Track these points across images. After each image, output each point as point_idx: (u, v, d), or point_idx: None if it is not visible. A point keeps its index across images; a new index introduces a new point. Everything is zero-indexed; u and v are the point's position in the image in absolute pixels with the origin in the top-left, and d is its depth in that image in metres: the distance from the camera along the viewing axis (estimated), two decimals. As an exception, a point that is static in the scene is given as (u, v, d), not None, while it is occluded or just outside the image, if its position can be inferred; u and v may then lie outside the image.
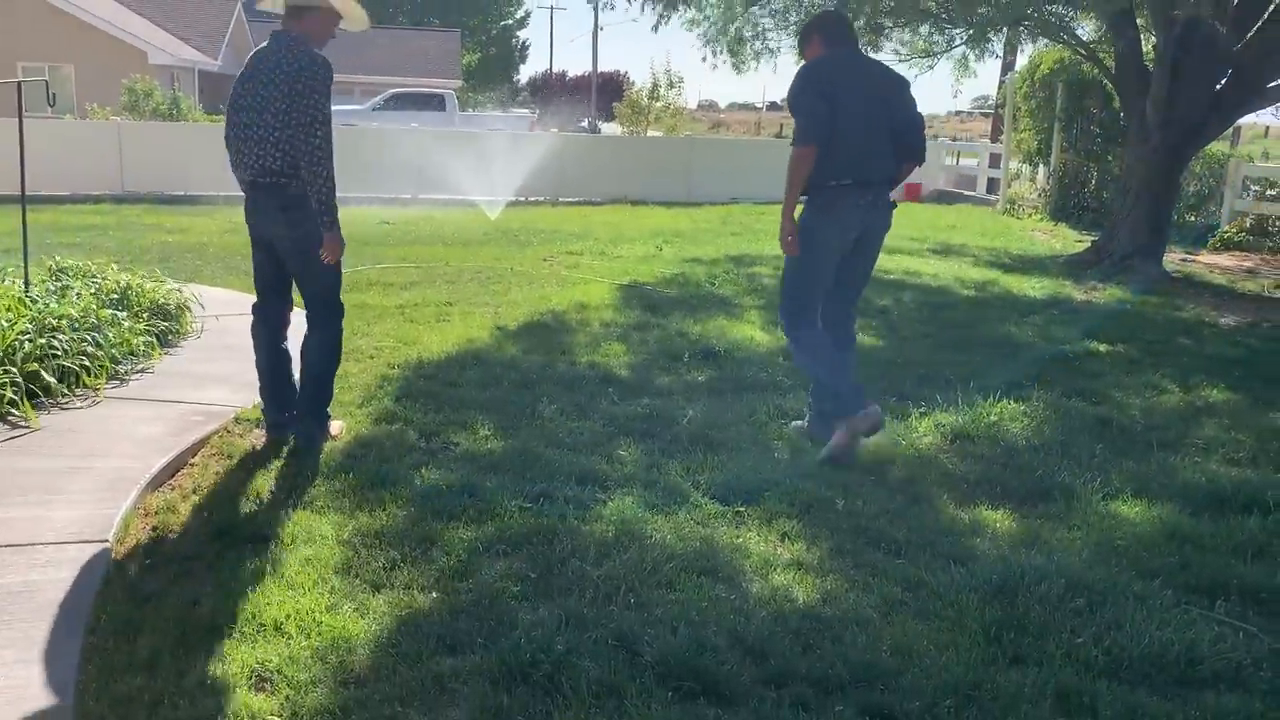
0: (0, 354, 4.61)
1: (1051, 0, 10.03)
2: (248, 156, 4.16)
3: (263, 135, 4.09)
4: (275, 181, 4.14)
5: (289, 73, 4.04)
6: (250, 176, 4.20)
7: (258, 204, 4.27)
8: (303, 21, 4.17)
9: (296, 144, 4.03)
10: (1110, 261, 10.19)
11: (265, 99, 4.07)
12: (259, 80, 4.11)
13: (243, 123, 4.16)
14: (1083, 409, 5.35)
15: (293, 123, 4.02)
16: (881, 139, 4.46)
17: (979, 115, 53.81)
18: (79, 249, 9.45)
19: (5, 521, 3.45)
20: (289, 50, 4.09)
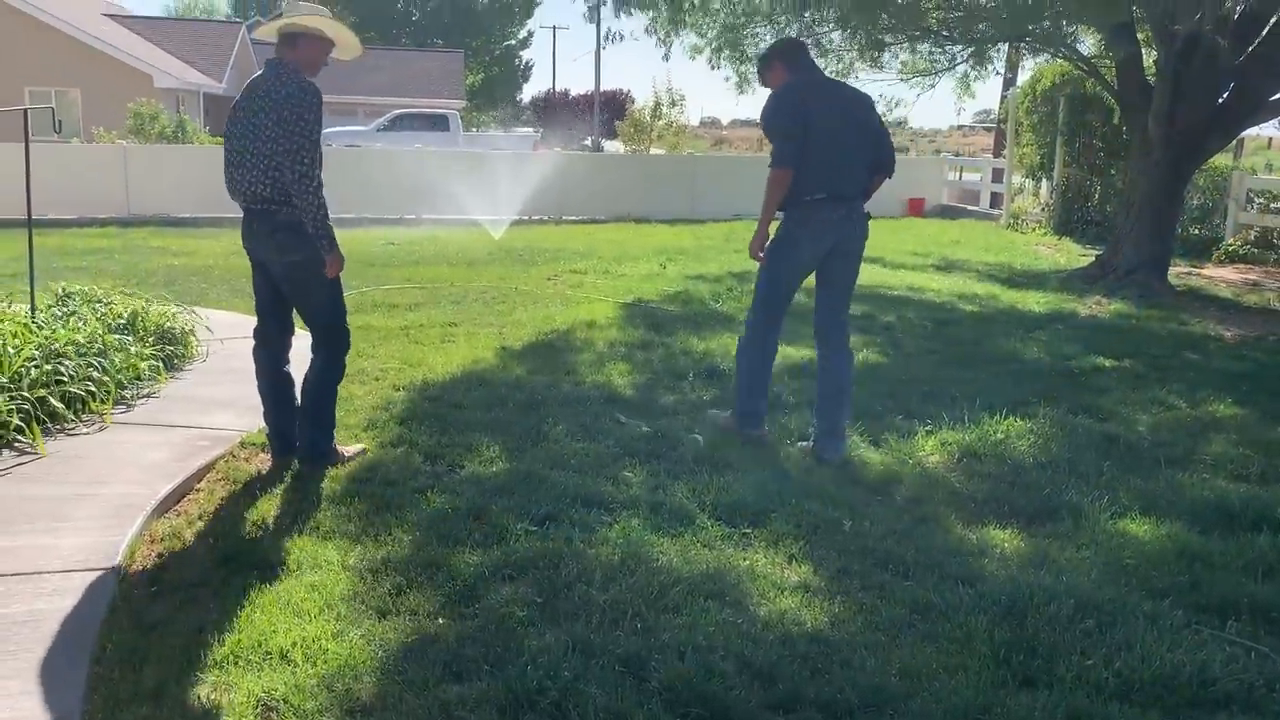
0: (7, 380, 4.62)
1: (1052, 15, 10.03)
2: (240, 183, 4.19)
3: (253, 162, 4.12)
4: (266, 208, 4.17)
5: (278, 100, 4.07)
6: (244, 203, 4.24)
7: (252, 229, 4.29)
8: (296, 49, 4.22)
9: (284, 170, 4.05)
10: (1115, 276, 10.18)
11: (257, 126, 4.11)
12: (252, 108, 4.15)
13: (236, 149, 4.20)
14: (1089, 426, 5.34)
15: (280, 149, 4.05)
16: (853, 155, 4.68)
17: (981, 130, 53.91)
18: (85, 273, 9.50)
19: (12, 550, 3.45)
20: (279, 78, 4.13)
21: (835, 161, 4.60)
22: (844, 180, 4.64)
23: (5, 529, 3.63)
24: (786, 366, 6.44)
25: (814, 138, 4.54)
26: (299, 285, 4.30)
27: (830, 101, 4.69)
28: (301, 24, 4.23)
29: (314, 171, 4.07)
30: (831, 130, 4.58)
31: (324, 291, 4.31)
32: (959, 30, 11.08)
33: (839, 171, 4.61)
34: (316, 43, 4.28)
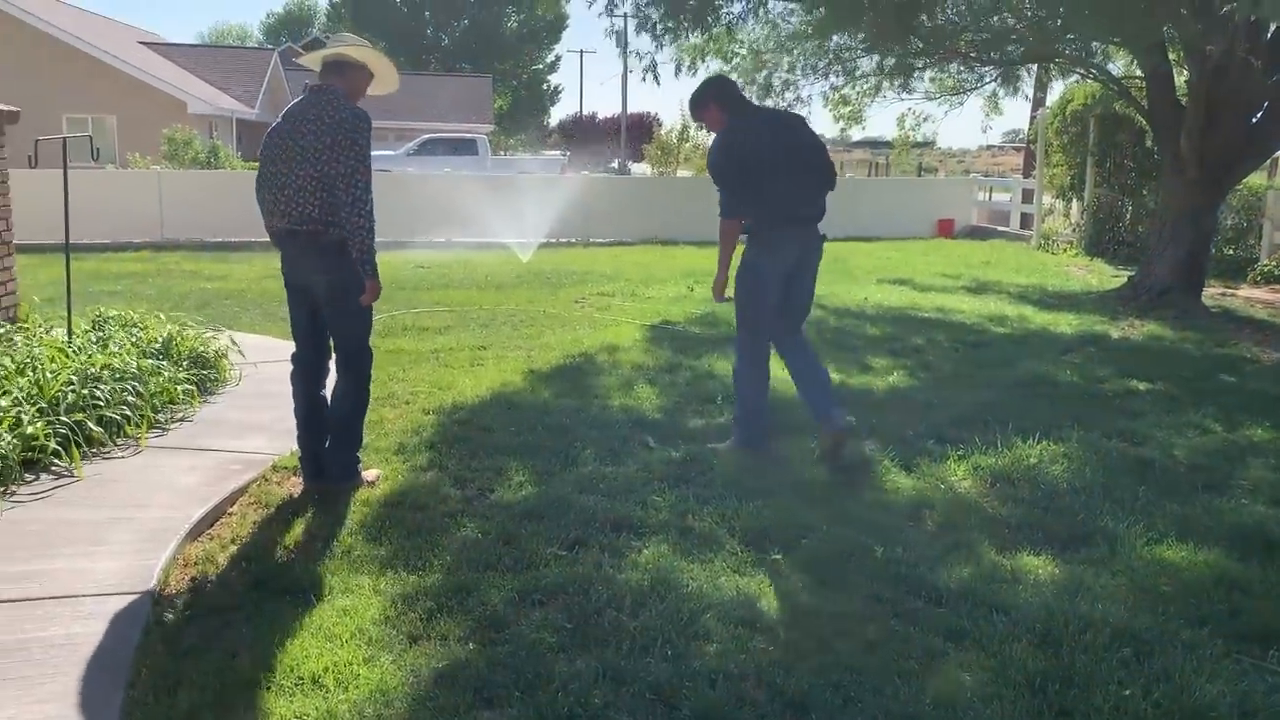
0: (45, 405, 4.69)
1: (1081, 36, 9.99)
2: (286, 205, 4.22)
3: (301, 184, 4.16)
4: (313, 229, 4.20)
5: (331, 124, 4.13)
6: (288, 225, 4.25)
7: (295, 252, 4.34)
8: (344, 77, 4.32)
9: (338, 194, 4.11)
10: (1148, 297, 10.08)
11: (305, 149, 4.15)
12: (299, 131, 4.19)
13: (280, 172, 4.23)
14: (1123, 450, 5.28)
15: (334, 173, 4.10)
16: (802, 178, 4.95)
17: (1010, 150, 53.68)
18: (120, 297, 9.63)
19: (51, 573, 3.49)
20: (330, 103, 4.20)
21: (790, 191, 4.89)
22: (799, 205, 4.94)
23: (44, 552, 3.68)
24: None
25: (763, 173, 4.84)
26: (339, 306, 4.34)
27: (772, 135, 4.94)
28: (350, 55, 4.33)
29: (368, 196, 4.15)
30: (775, 162, 4.86)
31: (361, 314, 4.39)
32: (988, 51, 11.05)
33: (794, 199, 4.91)
34: (362, 74, 4.39)
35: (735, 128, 4.95)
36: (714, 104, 5.02)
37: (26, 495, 4.23)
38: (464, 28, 53.08)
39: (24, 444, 4.41)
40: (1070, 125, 15.75)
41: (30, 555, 3.64)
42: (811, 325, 8.80)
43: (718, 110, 5.00)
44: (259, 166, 4.36)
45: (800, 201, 4.94)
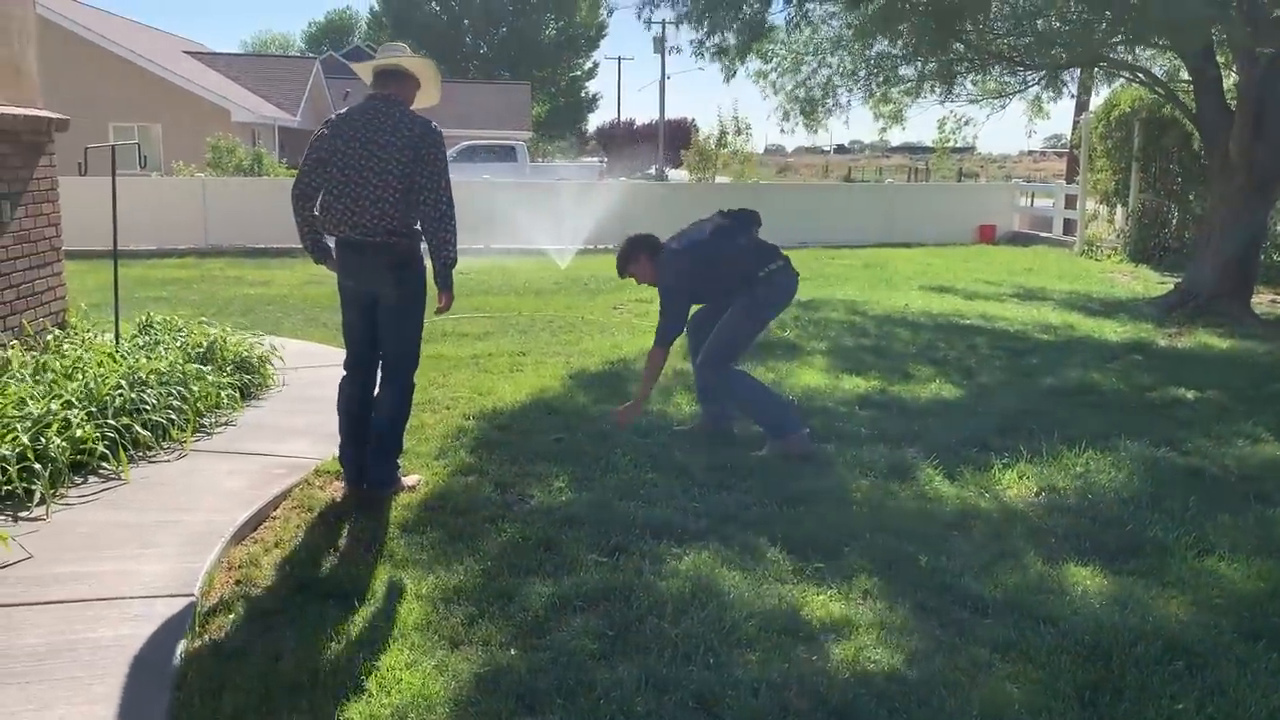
0: (95, 409, 4.75)
1: (1127, 40, 9.85)
2: (361, 216, 4.18)
3: (380, 195, 4.16)
4: (387, 240, 4.21)
5: (412, 137, 4.16)
6: (360, 236, 4.22)
7: (365, 263, 4.29)
8: (402, 87, 4.37)
9: (423, 208, 4.17)
10: (1195, 304, 9.90)
11: (384, 160, 4.15)
12: (375, 141, 4.17)
13: (354, 181, 4.18)
14: (1172, 459, 5.18)
15: (420, 186, 4.15)
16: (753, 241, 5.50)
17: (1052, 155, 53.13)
18: (165, 303, 9.77)
19: (99, 575, 3.54)
20: (403, 114, 4.23)
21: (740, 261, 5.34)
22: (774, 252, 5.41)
23: (93, 554, 3.72)
24: (856, 397, 6.38)
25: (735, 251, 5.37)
26: (402, 316, 4.37)
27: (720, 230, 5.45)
28: (405, 65, 4.37)
29: (453, 209, 4.23)
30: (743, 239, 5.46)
31: (418, 324, 4.45)
32: (1031, 55, 10.93)
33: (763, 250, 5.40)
34: (414, 84, 4.44)
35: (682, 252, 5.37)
36: (643, 254, 5.43)
37: (75, 498, 4.29)
38: (503, 35, 53.46)
39: (73, 447, 4.47)
40: (1115, 129, 15.52)
41: (79, 557, 3.69)
42: (853, 331, 8.77)
43: (645, 260, 5.42)
44: (314, 173, 4.28)
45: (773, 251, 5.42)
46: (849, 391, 6.52)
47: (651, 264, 5.42)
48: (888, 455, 5.11)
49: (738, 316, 5.34)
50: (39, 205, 6.32)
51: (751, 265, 5.32)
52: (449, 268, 4.28)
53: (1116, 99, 15.44)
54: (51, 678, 2.87)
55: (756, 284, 5.30)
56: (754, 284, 5.30)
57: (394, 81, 4.36)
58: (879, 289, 11.73)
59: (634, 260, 5.48)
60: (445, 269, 4.27)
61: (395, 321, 4.39)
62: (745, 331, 5.44)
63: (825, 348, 8.00)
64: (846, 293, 11.33)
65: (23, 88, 6.28)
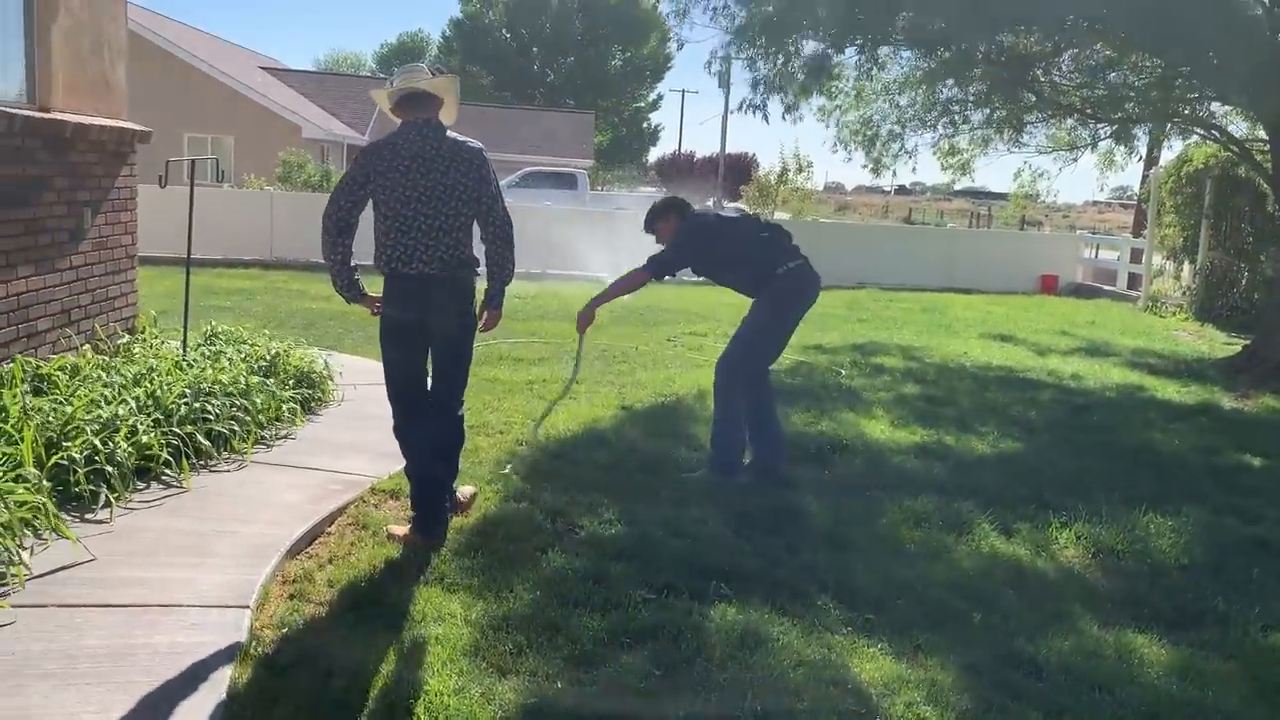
0: (160, 416, 4.86)
1: (1202, 98, 9.73)
2: (435, 248, 4.02)
3: (454, 224, 4.05)
4: (454, 273, 4.08)
5: (470, 160, 4.06)
6: (433, 269, 4.04)
7: (429, 295, 4.08)
8: (435, 110, 4.15)
9: (492, 227, 4.13)
10: (1264, 368, 9.67)
11: (450, 187, 4.02)
12: (436, 169, 4.01)
13: (422, 214, 4.01)
14: (1236, 528, 5.06)
15: (483, 210, 4.10)
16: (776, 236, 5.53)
17: (1118, 206, 52.42)
18: (230, 313, 9.97)
19: (159, 581, 3.61)
20: (452, 139, 4.09)
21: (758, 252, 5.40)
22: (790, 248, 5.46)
23: (152, 560, 3.80)
24: (913, 445, 6.32)
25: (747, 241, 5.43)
26: (462, 346, 4.27)
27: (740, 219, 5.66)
28: (425, 87, 4.11)
29: (513, 229, 4.20)
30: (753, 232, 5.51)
31: (471, 353, 4.37)
32: (1104, 109, 10.83)
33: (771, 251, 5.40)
34: (440, 106, 4.20)
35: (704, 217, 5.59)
36: (673, 214, 5.49)
37: (139, 502, 4.38)
38: (569, 65, 54.11)
39: (139, 452, 4.57)
40: (1185, 185, 15.29)
41: (141, 562, 3.77)
42: (910, 378, 8.70)
43: (674, 220, 5.47)
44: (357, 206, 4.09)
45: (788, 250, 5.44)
46: (905, 439, 6.46)
47: (676, 224, 5.45)
48: (942, 507, 5.05)
49: (757, 314, 5.38)
50: (118, 213, 6.51)
51: (771, 259, 5.33)
52: (505, 286, 4.24)
53: (1189, 154, 15.21)
54: (110, 680, 2.93)
55: (774, 280, 5.31)
56: (772, 281, 5.32)
57: (425, 105, 4.12)
58: (938, 335, 11.62)
59: (664, 218, 5.51)
60: (502, 287, 4.24)
61: (455, 353, 4.25)
62: (766, 328, 5.38)
63: (883, 394, 7.94)
64: (905, 337, 11.24)
65: (112, 100, 6.48)
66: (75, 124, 5.80)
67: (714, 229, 5.46)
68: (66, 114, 5.81)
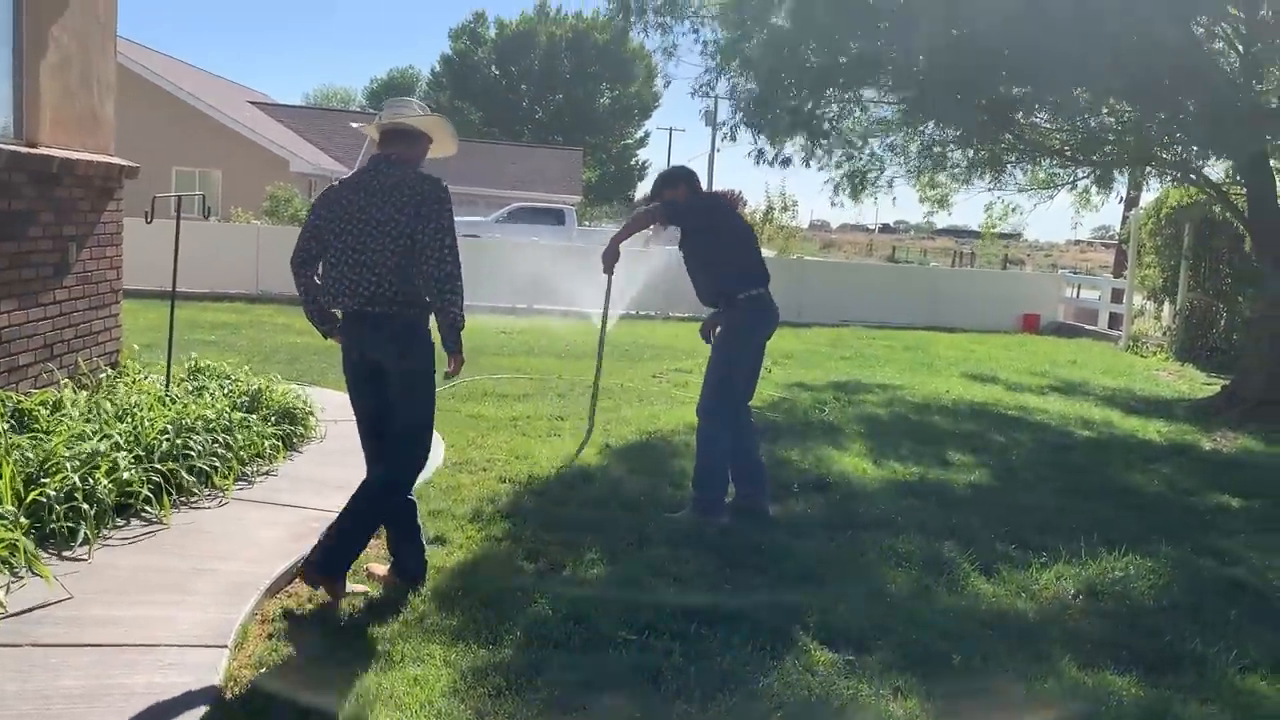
0: (142, 452, 4.84)
1: (1179, 141, 9.88)
2: (361, 284, 3.91)
3: (380, 261, 3.89)
4: (388, 310, 3.93)
5: (411, 195, 3.90)
6: (360, 305, 3.95)
7: (365, 335, 4.03)
8: (410, 146, 4.12)
9: (427, 265, 3.85)
10: (1243, 408, 9.75)
11: (384, 223, 3.89)
12: (373, 204, 3.93)
13: (352, 248, 3.93)
14: (1214, 569, 5.09)
15: (419, 245, 3.86)
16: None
17: (1099, 245, 52.96)
18: (214, 347, 9.96)
19: (136, 620, 3.58)
20: (405, 174, 3.98)
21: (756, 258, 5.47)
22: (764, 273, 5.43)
23: (130, 598, 3.78)
24: (894, 484, 6.34)
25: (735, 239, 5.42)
26: (410, 390, 4.05)
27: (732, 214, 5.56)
28: (411, 124, 4.11)
29: (460, 269, 3.94)
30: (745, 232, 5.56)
31: (429, 399, 4.11)
32: (1082, 151, 10.98)
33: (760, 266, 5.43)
34: (424, 142, 4.18)
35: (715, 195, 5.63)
36: (683, 184, 5.51)
37: (118, 540, 4.36)
38: (558, 102, 54.51)
39: (119, 489, 4.55)
40: (1165, 226, 15.49)
41: (118, 600, 3.75)
42: (892, 416, 8.74)
43: (684, 189, 5.50)
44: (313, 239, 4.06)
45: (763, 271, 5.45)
46: (886, 479, 6.48)
47: (685, 194, 5.47)
48: (923, 546, 5.06)
49: (722, 350, 5.40)
50: (103, 248, 6.51)
51: (751, 272, 5.35)
52: (456, 329, 3.95)
53: (1167, 195, 15.42)
54: (84, 723, 2.90)
55: (736, 304, 5.34)
56: (734, 305, 5.34)
57: (400, 140, 4.09)
58: (920, 373, 11.69)
59: (673, 186, 5.53)
60: (452, 330, 3.95)
61: (407, 395, 4.06)
62: (734, 361, 5.37)
63: (864, 431, 7.97)
64: (887, 375, 11.30)
65: (99, 135, 6.51)
66: (62, 159, 5.82)
67: (728, 208, 5.50)
68: (54, 149, 5.83)
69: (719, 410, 5.36)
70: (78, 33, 6.14)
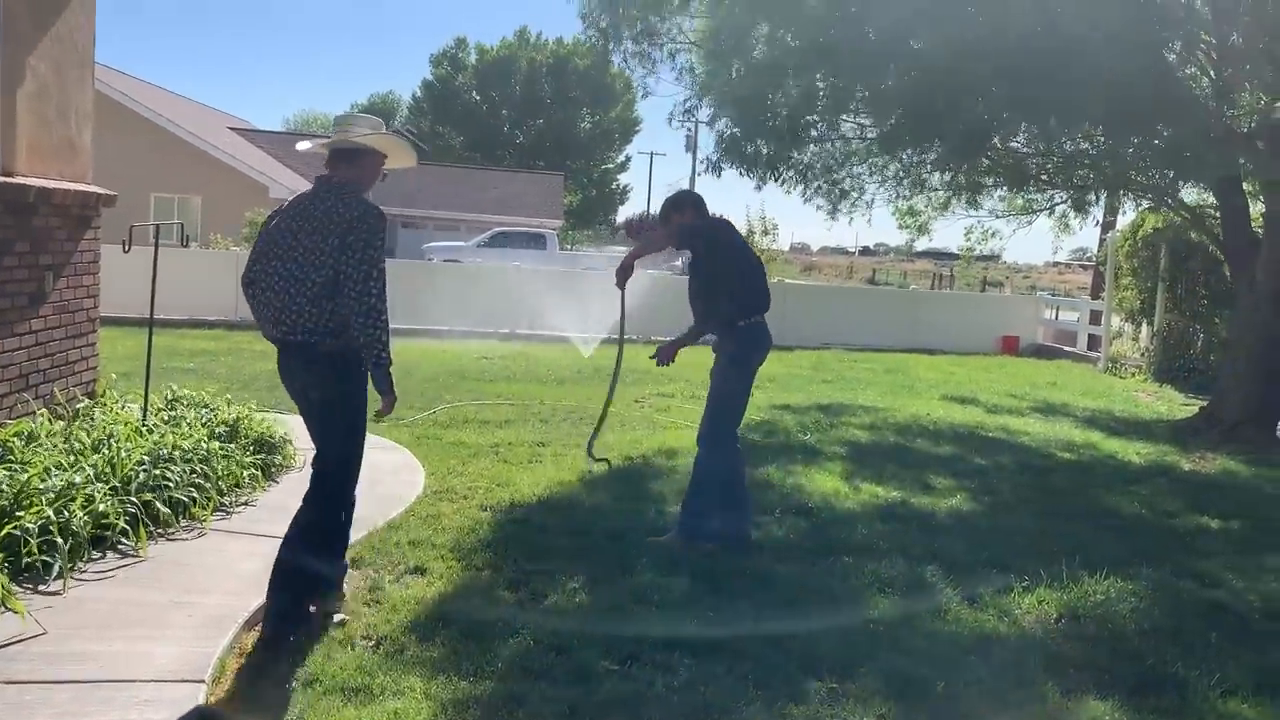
0: (118, 483, 4.79)
1: (1155, 166, 10.00)
2: (282, 311, 3.81)
3: (302, 290, 3.76)
4: (309, 339, 3.80)
5: (341, 223, 3.75)
6: (280, 333, 3.86)
7: (286, 362, 3.95)
8: (354, 166, 3.99)
9: (349, 298, 3.71)
10: (1220, 429, 9.83)
11: (310, 250, 3.77)
12: (306, 229, 3.81)
13: (278, 274, 3.81)
14: (1195, 591, 5.11)
15: (346, 275, 3.72)
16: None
17: (1078, 267, 53.40)
18: (193, 374, 9.90)
19: (112, 655, 3.53)
20: (340, 198, 3.85)
21: (762, 285, 5.42)
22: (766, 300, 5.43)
23: (106, 633, 3.73)
24: (876, 508, 6.35)
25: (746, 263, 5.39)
26: (329, 420, 3.96)
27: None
28: (356, 142, 3.99)
29: (383, 303, 3.77)
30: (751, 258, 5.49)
31: (350, 433, 3.98)
32: (1059, 176, 11.09)
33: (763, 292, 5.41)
34: (374, 159, 4.05)
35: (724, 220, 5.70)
36: (690, 208, 5.53)
37: (93, 573, 4.30)
38: (539, 127, 54.70)
39: (95, 521, 4.50)
40: (1141, 249, 15.65)
41: (93, 635, 3.70)
42: (873, 439, 8.75)
43: (690, 213, 5.51)
44: (257, 262, 3.93)
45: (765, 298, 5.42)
46: (869, 502, 6.49)
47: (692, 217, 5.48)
48: (906, 571, 5.07)
49: (725, 378, 5.42)
50: (80, 277, 6.47)
51: (756, 299, 5.36)
52: (381, 369, 3.78)
53: (1143, 219, 15.58)
54: (57, 762, 2.86)
55: (735, 333, 5.34)
56: (733, 332, 5.35)
57: (343, 160, 3.97)
58: (901, 396, 11.73)
59: (681, 211, 5.52)
60: (377, 369, 3.78)
61: (326, 425, 3.96)
62: (736, 391, 5.43)
63: (846, 454, 7.98)
64: (869, 398, 11.33)
65: (77, 164, 6.48)
66: (38, 188, 5.78)
67: (737, 235, 5.56)
68: (30, 178, 5.79)
69: (721, 438, 5.38)
70: (55, 62, 6.13)
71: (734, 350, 5.38)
